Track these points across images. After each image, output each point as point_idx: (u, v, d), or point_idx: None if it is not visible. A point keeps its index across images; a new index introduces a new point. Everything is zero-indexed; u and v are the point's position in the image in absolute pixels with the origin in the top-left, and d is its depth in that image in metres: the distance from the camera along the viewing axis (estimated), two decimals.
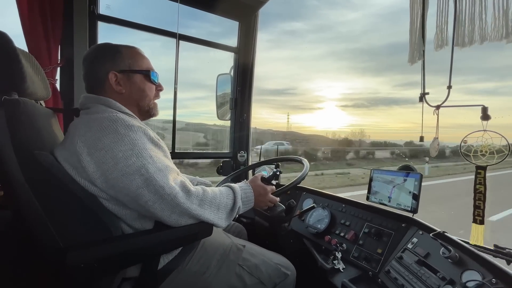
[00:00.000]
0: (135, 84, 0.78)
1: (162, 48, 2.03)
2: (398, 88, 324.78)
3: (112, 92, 0.75)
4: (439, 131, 0.85)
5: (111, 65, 0.75)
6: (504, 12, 0.67)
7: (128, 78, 0.77)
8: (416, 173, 0.99)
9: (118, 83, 0.75)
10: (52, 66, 1.15)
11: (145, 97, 0.80)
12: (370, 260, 0.94)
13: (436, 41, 0.80)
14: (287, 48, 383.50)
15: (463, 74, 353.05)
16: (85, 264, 0.57)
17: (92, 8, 1.25)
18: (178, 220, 0.65)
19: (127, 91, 0.77)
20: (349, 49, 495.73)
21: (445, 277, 0.71)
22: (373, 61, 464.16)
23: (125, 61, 0.76)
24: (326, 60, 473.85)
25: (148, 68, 0.81)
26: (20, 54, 0.62)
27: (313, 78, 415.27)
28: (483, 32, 0.71)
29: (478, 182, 0.78)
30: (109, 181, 0.62)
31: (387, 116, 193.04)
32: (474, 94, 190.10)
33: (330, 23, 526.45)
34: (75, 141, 0.63)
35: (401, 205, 1.00)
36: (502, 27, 0.68)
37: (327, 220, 1.15)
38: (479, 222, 0.77)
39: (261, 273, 0.82)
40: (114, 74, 0.75)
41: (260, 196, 0.81)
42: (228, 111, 1.76)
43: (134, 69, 0.77)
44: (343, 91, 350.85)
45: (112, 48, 0.77)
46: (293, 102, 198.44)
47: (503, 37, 0.68)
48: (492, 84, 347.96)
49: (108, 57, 0.75)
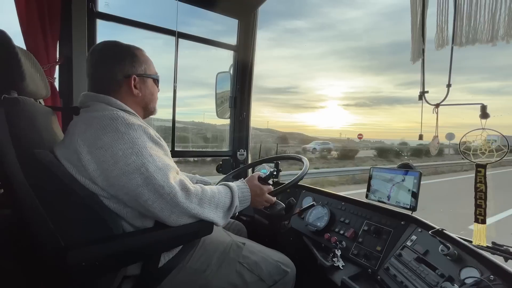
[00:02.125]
0: (148, 88, 0.81)
1: (163, 45, 2.02)
2: (401, 87, 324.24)
3: (128, 95, 0.76)
4: (439, 130, 0.85)
5: (131, 69, 0.76)
6: (492, 14, 0.68)
7: (143, 82, 0.79)
8: (415, 171, 1.00)
9: (135, 86, 0.77)
10: (51, 64, 1.14)
11: (154, 100, 0.84)
12: (370, 257, 0.94)
13: (437, 40, 0.80)
14: (289, 47, 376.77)
15: (467, 73, 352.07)
16: (86, 263, 0.58)
17: (91, 6, 1.24)
18: (178, 220, 0.65)
19: (142, 95, 0.79)
20: (351, 48, 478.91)
21: (444, 274, 0.72)
22: (375, 59, 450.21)
23: (142, 65, 0.78)
24: (328, 59, 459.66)
25: (156, 72, 0.84)
26: (20, 53, 0.62)
27: (315, 76, 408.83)
28: (475, 33, 0.72)
29: (479, 181, 0.78)
30: (109, 179, 0.62)
31: (390, 115, 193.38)
32: (477, 94, 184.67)
33: (332, 22, 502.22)
34: (75, 139, 0.63)
35: (400, 203, 1.00)
36: (489, 31, 0.68)
37: (327, 218, 1.16)
38: (481, 221, 0.76)
39: (261, 271, 0.83)
40: (134, 78, 0.76)
41: (256, 196, 0.82)
42: (227, 110, 1.76)
43: (147, 74, 0.80)
44: (345, 90, 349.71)
45: (127, 50, 0.77)
46: (295, 100, 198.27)
47: (488, 40, 0.69)
48: (496, 83, 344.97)
49: (127, 60, 0.76)
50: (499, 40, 0.68)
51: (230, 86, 1.74)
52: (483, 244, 0.77)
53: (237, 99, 1.73)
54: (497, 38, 0.68)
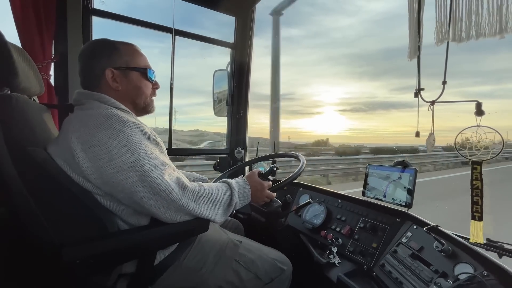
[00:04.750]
0: (132, 82, 0.78)
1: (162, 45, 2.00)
2: (395, 92, 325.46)
3: (108, 88, 0.75)
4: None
5: (107, 62, 0.74)
6: (498, 7, 0.67)
7: (125, 75, 0.77)
8: (411, 169, 1.00)
9: (115, 80, 0.75)
10: (46, 61, 1.13)
11: (141, 94, 0.80)
12: (365, 254, 0.95)
13: (437, 36, 0.80)
14: (284, 54, 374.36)
15: (459, 77, 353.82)
16: (80, 260, 0.57)
17: (86, 3, 1.23)
18: (173, 217, 0.65)
19: (123, 88, 0.77)
20: (345, 54, 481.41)
21: (438, 270, 0.73)
22: (369, 65, 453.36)
23: (123, 58, 0.76)
24: (323, 65, 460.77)
25: (145, 65, 0.81)
26: (12, 49, 0.61)
27: (311, 83, 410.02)
28: (479, 27, 0.71)
29: (475, 178, 0.78)
30: (103, 177, 0.61)
31: (385, 120, 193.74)
32: (470, 98, 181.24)
33: (325, 29, 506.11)
34: (69, 137, 0.62)
35: (396, 200, 1.01)
36: (496, 23, 0.68)
37: (323, 216, 1.16)
38: (478, 218, 0.77)
39: (258, 269, 0.83)
40: (111, 71, 0.74)
41: (257, 191, 0.82)
42: (225, 108, 1.75)
43: (131, 67, 0.77)
44: (341, 95, 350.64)
45: (110, 44, 0.76)
46: (291, 107, 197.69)
47: (496, 33, 0.68)
48: (488, 87, 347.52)
49: (105, 54, 0.75)
50: (509, 32, 0.67)
51: (227, 84, 1.73)
52: (480, 241, 0.77)
53: (234, 97, 1.73)
54: (507, 31, 0.67)
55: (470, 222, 0.78)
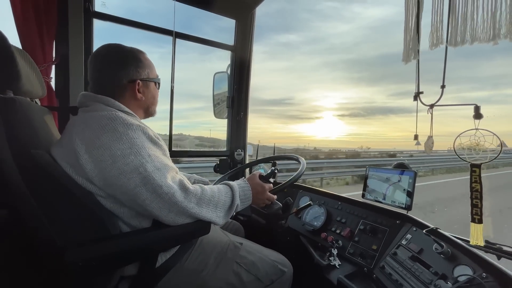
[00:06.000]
0: (150, 92, 0.82)
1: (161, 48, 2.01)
2: (393, 97, 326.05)
3: (132, 99, 0.77)
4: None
5: (135, 73, 0.77)
6: (492, 14, 0.68)
7: (146, 86, 0.80)
8: (410, 171, 1.01)
9: (138, 91, 0.78)
10: (47, 64, 1.13)
11: (155, 103, 0.86)
12: (365, 256, 0.95)
13: (431, 39, 0.81)
14: (282, 59, 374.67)
15: (456, 83, 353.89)
16: (83, 263, 0.58)
17: (87, 5, 1.24)
18: (175, 219, 0.65)
19: (145, 98, 0.80)
20: (342, 60, 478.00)
21: (438, 272, 0.73)
22: (367, 71, 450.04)
23: (146, 70, 0.79)
24: (321, 71, 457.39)
25: (157, 75, 0.85)
26: (15, 52, 0.62)
27: (309, 88, 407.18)
28: (474, 32, 0.72)
29: (474, 181, 0.79)
30: (106, 179, 0.62)
31: (384, 125, 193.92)
32: (468, 103, 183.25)
33: (323, 35, 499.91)
34: (73, 139, 0.62)
35: (395, 202, 1.01)
36: (490, 29, 0.69)
37: (323, 218, 1.17)
38: (478, 221, 0.77)
39: (258, 270, 0.83)
40: (138, 83, 0.77)
41: (258, 194, 0.82)
42: (225, 110, 1.76)
43: (150, 78, 0.81)
44: (339, 100, 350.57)
45: (132, 55, 0.77)
46: (290, 112, 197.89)
47: (490, 39, 0.69)
48: (485, 92, 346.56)
49: (132, 65, 0.76)
50: (502, 39, 0.68)
51: (227, 86, 1.74)
52: (481, 244, 0.77)
53: (234, 99, 1.73)
54: (499, 37, 0.68)
55: (471, 224, 0.79)
